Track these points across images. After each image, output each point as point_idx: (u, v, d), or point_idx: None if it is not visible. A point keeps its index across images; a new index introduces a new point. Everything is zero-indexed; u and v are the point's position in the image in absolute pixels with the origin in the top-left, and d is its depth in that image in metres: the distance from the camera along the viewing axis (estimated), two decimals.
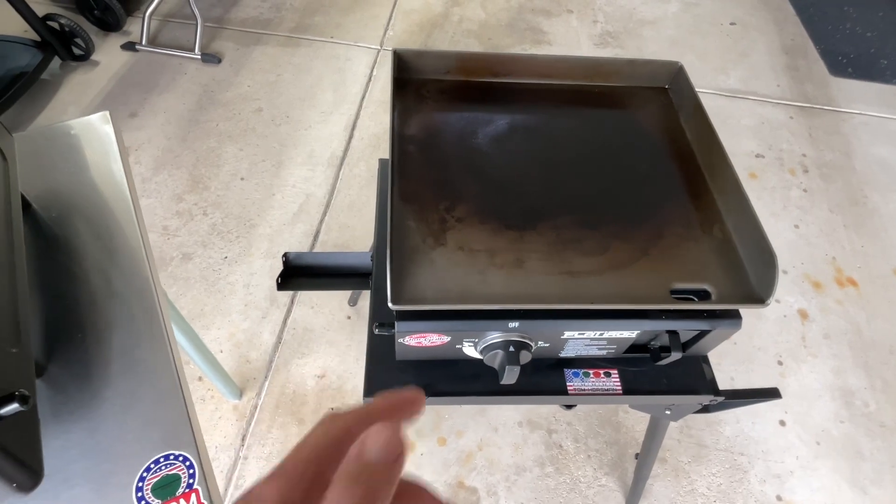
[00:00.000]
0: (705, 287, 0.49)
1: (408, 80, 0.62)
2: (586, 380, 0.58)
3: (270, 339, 1.21)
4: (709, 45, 2.07)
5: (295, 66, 1.83)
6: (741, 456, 1.13)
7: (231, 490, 1.02)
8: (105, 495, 0.37)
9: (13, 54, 1.48)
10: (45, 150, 0.56)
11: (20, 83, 1.43)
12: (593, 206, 0.55)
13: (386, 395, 0.20)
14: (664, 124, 0.63)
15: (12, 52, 1.48)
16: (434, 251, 0.49)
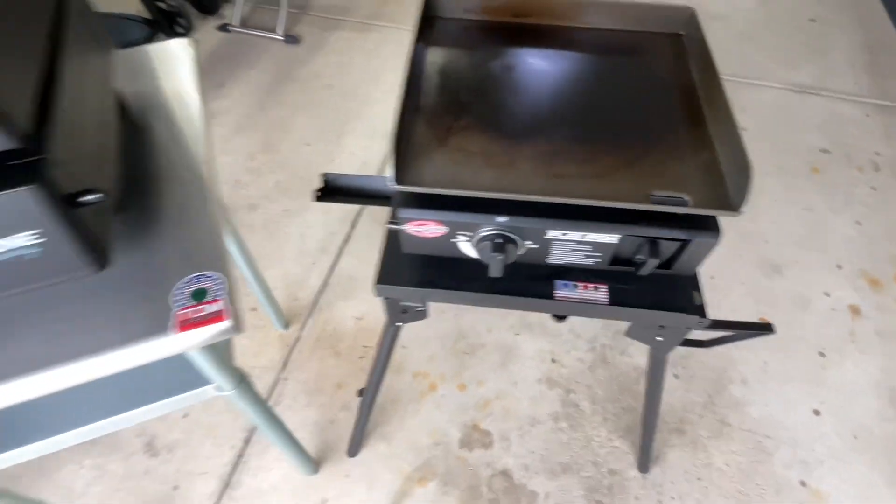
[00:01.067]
0: (683, 196, 0.53)
1: (433, 17, 0.70)
2: (574, 290, 0.62)
3: (317, 282, 1.33)
4: (782, 41, 2.00)
5: (366, 49, 1.97)
6: (767, 438, 1.11)
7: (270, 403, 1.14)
8: (153, 297, 0.47)
9: (128, 29, 1.72)
10: (138, 65, 0.69)
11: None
12: (590, 127, 0.60)
13: None
14: (673, 66, 0.67)
15: (127, 27, 1.73)
16: (436, 150, 0.57)
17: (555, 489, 1.05)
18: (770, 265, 1.37)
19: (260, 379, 1.17)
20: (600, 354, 1.22)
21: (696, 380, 1.19)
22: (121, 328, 0.45)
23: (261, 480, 1.05)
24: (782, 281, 1.34)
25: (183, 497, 1.03)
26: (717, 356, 1.22)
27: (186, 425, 1.12)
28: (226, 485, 1.05)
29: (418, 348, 1.23)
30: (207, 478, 1.05)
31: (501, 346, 1.23)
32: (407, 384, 1.18)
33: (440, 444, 1.10)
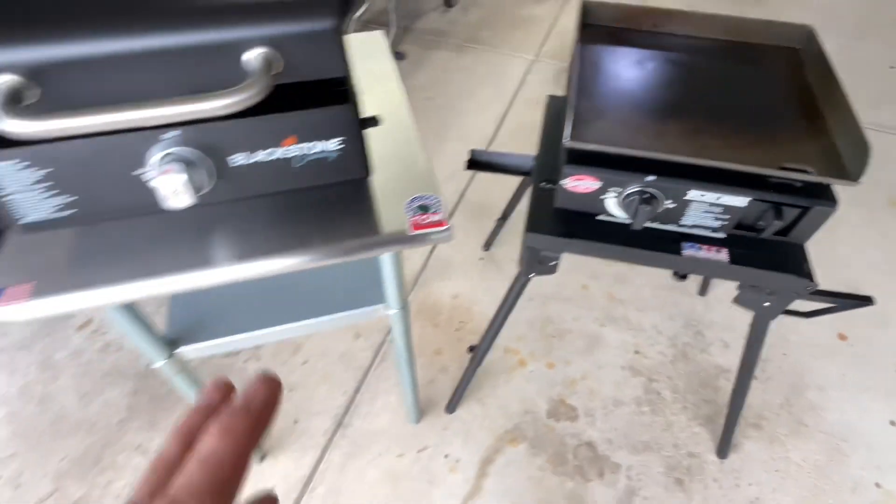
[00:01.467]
0: (807, 168, 0.64)
1: (589, 24, 0.85)
2: (699, 251, 0.73)
3: (419, 263, 1.48)
4: (864, 83, 2.07)
5: (462, 67, 2.17)
6: (843, 442, 1.15)
7: (377, 362, 1.27)
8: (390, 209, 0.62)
9: None
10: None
11: None
12: (723, 114, 0.72)
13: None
14: (792, 73, 0.79)
15: None
16: (596, 121, 0.70)
17: (636, 463, 1.13)
18: (848, 285, 1.42)
19: (369, 339, 1.31)
20: (681, 350, 1.30)
21: (773, 382, 1.25)
22: (368, 223, 0.60)
23: (369, 423, 1.18)
24: None
25: (302, 429, 1.17)
26: (794, 363, 1.28)
27: (304, 371, 1.26)
28: (339, 424, 1.18)
29: (508, 328, 1.34)
30: (323, 416, 1.19)
31: (587, 334, 1.33)
32: (499, 358, 1.29)
33: (529, 412, 1.20)
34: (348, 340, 1.31)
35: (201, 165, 0.51)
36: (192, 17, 0.46)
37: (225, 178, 0.54)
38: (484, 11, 2.48)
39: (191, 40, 0.46)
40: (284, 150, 0.53)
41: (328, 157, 0.55)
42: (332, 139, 0.54)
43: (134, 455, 1.14)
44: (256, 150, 0.53)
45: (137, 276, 0.56)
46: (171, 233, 0.60)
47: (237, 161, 0.53)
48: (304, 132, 0.53)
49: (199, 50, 0.46)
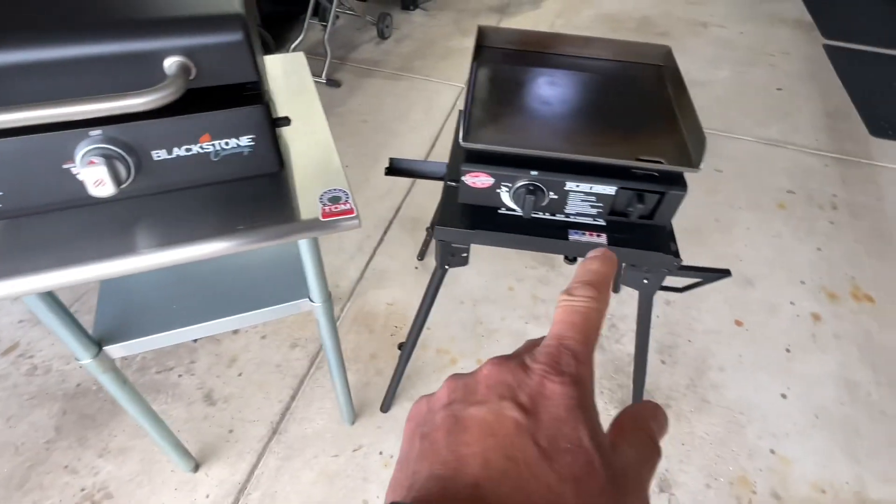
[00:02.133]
0: (659, 159, 0.77)
1: (484, 46, 0.97)
2: (583, 236, 0.85)
3: (355, 274, 1.54)
4: (754, 104, 2.33)
5: (395, 94, 2.29)
6: (740, 414, 1.29)
7: (312, 370, 1.32)
8: (304, 201, 0.69)
9: None
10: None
11: None
12: (596, 118, 0.85)
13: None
14: (655, 84, 0.93)
15: None
16: (489, 125, 0.81)
17: None
18: (744, 279, 1.60)
19: (305, 347, 1.36)
20: (598, 342, 1.41)
21: (679, 365, 1.38)
22: (284, 213, 0.67)
23: (305, 428, 1.21)
24: (754, 292, 1.56)
25: (237, 438, 1.19)
26: (698, 348, 1.42)
27: (240, 382, 1.29)
28: (274, 430, 1.21)
29: (441, 330, 1.42)
30: (259, 424, 1.21)
31: (513, 332, 1.43)
32: (431, 358, 1.36)
33: None
34: (285, 350, 1.35)
35: (124, 159, 0.57)
36: (116, 29, 0.53)
37: (149, 172, 0.60)
38: (416, 43, 2.63)
39: (115, 49, 0.53)
40: (201, 146, 0.60)
41: (242, 151, 0.62)
42: (244, 136, 0.61)
43: (62, 475, 1.12)
44: (175, 146, 0.59)
45: (64, 265, 0.61)
46: (99, 224, 0.65)
47: (159, 156, 0.60)
48: (218, 130, 0.60)
49: (123, 58, 0.53)
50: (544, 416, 0.19)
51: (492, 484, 0.18)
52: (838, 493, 1.16)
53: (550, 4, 3.00)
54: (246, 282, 0.87)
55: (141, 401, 0.90)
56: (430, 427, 0.21)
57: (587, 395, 0.21)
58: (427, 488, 0.18)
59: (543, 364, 0.21)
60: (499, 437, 0.19)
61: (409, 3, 2.88)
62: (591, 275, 0.25)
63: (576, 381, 0.21)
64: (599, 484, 0.18)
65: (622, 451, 0.21)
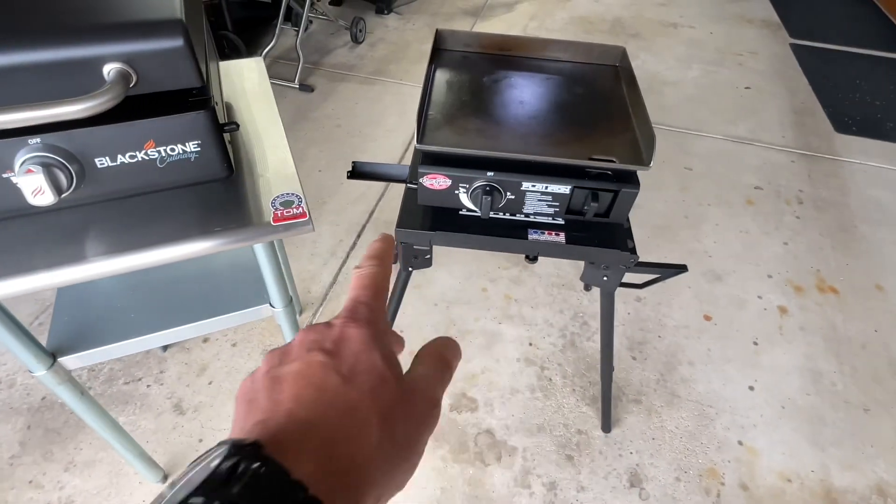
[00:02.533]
0: (612, 158, 0.78)
1: (442, 49, 0.98)
2: (542, 235, 0.85)
3: (328, 279, 1.54)
4: (723, 102, 2.38)
5: (369, 98, 2.29)
6: (709, 408, 1.31)
7: None
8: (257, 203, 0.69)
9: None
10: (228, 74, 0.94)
11: None
12: (552, 119, 0.86)
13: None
14: (611, 85, 0.94)
15: None
16: (444, 127, 0.82)
17: (531, 445, 1.22)
18: (712, 274, 1.62)
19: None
20: (570, 340, 1.43)
21: (650, 361, 1.39)
22: (236, 218, 0.67)
23: None
24: (722, 286, 1.59)
25: (207, 448, 1.18)
26: (668, 344, 1.44)
27: (210, 391, 1.28)
28: None
29: (415, 333, 1.42)
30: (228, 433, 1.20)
31: (486, 332, 1.43)
32: (404, 362, 1.35)
33: None
34: (256, 357, 1.34)
35: (64, 167, 0.56)
36: (53, 36, 0.53)
37: (94, 180, 0.60)
38: (390, 47, 2.64)
39: (53, 57, 0.52)
40: (146, 152, 0.60)
41: (189, 157, 0.62)
42: (190, 142, 0.61)
43: (27, 490, 1.10)
44: (119, 153, 0.59)
45: (9, 275, 0.60)
46: (46, 233, 0.64)
47: (103, 163, 0.59)
48: (163, 136, 0.59)
49: (61, 65, 0.53)
50: (345, 353, 0.24)
51: (304, 410, 0.21)
52: (804, 481, 1.19)
53: (525, 7, 3.03)
54: (206, 288, 0.87)
55: (101, 412, 0.89)
56: (254, 393, 0.23)
57: (380, 334, 0.26)
58: (250, 431, 0.20)
59: (343, 318, 0.26)
60: (308, 378, 0.23)
61: (384, 8, 2.89)
62: (374, 251, 0.31)
63: (369, 324, 0.25)
64: (391, 391, 0.23)
65: (414, 369, 0.27)
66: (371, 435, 0.22)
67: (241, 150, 0.78)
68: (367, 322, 0.26)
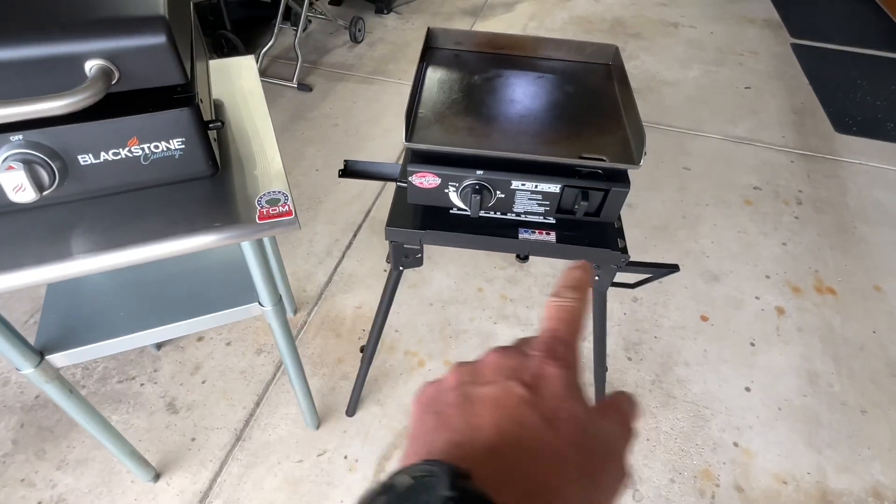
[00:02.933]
0: (602, 157, 0.77)
1: (433, 48, 0.97)
2: (532, 234, 0.85)
3: (323, 278, 1.54)
4: (722, 102, 2.37)
5: (368, 97, 2.29)
6: (705, 409, 1.30)
7: (277, 376, 1.31)
8: (243, 202, 0.69)
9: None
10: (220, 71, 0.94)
11: None
12: (543, 117, 0.85)
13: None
14: (603, 83, 0.94)
15: None
16: (434, 125, 0.81)
17: None
18: (709, 274, 1.61)
19: (271, 353, 1.34)
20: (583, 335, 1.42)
21: (646, 362, 1.39)
22: (222, 215, 0.66)
23: (269, 434, 1.20)
24: (720, 287, 1.58)
25: (200, 446, 1.18)
26: (664, 345, 1.43)
27: (204, 389, 1.27)
28: (238, 437, 1.19)
29: (409, 332, 1.42)
30: (222, 432, 1.20)
31: (482, 332, 1.43)
32: (399, 361, 1.36)
33: None
34: (250, 356, 1.34)
35: (46, 164, 0.56)
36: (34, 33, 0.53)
37: (77, 177, 0.59)
38: (390, 47, 2.64)
39: (34, 53, 0.52)
40: (129, 149, 0.60)
41: (173, 155, 0.62)
42: (174, 139, 0.61)
43: (18, 488, 1.10)
44: (103, 150, 0.59)
45: None
46: (30, 230, 0.64)
47: (87, 160, 0.59)
48: (146, 133, 0.59)
49: (42, 61, 0.52)
50: (546, 393, 0.22)
51: (506, 447, 0.20)
52: (800, 483, 1.18)
53: (524, 7, 3.02)
54: (195, 287, 0.87)
55: (91, 410, 0.89)
56: (442, 405, 0.23)
57: (577, 376, 0.24)
58: (447, 452, 0.20)
59: (541, 351, 0.24)
60: (508, 409, 0.22)
61: (383, 7, 2.89)
62: (574, 280, 0.28)
63: (568, 365, 0.24)
64: (592, 447, 0.22)
65: (604, 425, 0.24)
66: (574, 491, 0.20)
67: (229, 148, 0.78)
68: (567, 364, 0.24)
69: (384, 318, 1.05)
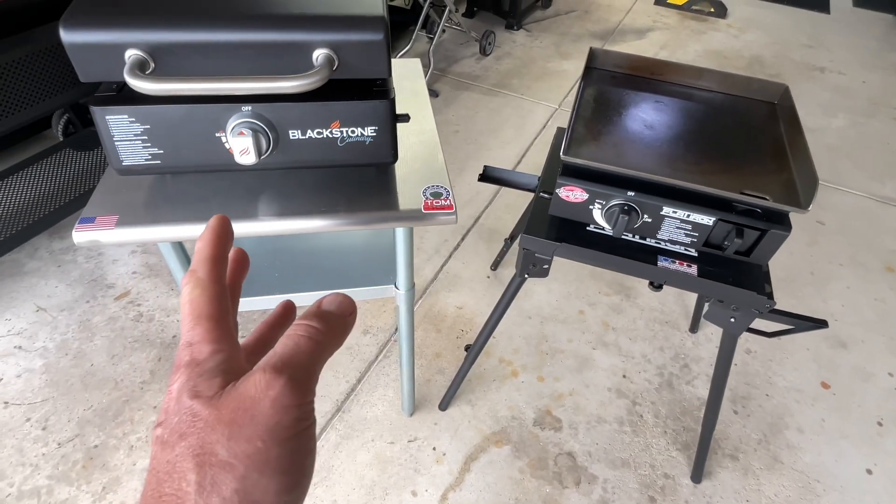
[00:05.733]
0: (765, 195, 0.75)
1: (593, 67, 0.99)
2: (672, 264, 0.84)
3: (430, 274, 1.60)
4: (869, 157, 2.17)
5: (490, 108, 2.35)
6: (816, 482, 1.20)
7: (380, 358, 1.37)
8: (408, 193, 0.74)
9: None
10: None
11: None
12: (701, 147, 0.84)
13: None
14: (766, 121, 0.91)
15: None
16: (591, 142, 0.83)
17: (612, 477, 1.18)
18: (836, 339, 1.48)
19: (376, 336, 1.42)
20: (667, 380, 1.37)
21: (753, 418, 1.30)
22: (389, 201, 0.72)
23: (367, 411, 1.27)
24: (847, 354, 1.45)
25: None
26: (776, 404, 1.33)
27: None
28: (339, 408, 1.27)
29: (506, 341, 1.44)
30: (325, 400, 1.28)
31: (579, 355, 1.41)
32: (493, 366, 1.38)
33: (517, 418, 1.28)
34: (357, 335, 1.42)
35: (266, 134, 0.64)
36: (274, 21, 0.61)
37: (283, 149, 0.68)
38: (515, 62, 2.69)
39: (275, 38, 0.60)
40: (331, 131, 0.67)
41: (364, 141, 0.68)
42: (369, 127, 0.67)
43: (151, 413, 1.24)
44: (310, 128, 0.66)
45: (195, 221, 0.69)
46: (232, 190, 0.73)
47: (295, 135, 0.67)
48: (348, 119, 0.66)
49: (280, 46, 0.60)
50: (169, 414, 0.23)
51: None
52: None
53: (656, 36, 2.96)
54: (341, 263, 0.94)
55: None
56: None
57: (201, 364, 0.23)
58: None
59: (171, 375, 0.24)
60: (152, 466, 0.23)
61: (513, 24, 2.95)
62: (194, 258, 0.27)
63: (189, 364, 0.23)
64: (204, 423, 0.21)
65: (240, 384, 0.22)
66: (188, 487, 0.20)
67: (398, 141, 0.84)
68: (186, 364, 0.23)
69: (497, 321, 1.07)
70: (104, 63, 0.58)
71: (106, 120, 0.62)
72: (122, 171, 0.67)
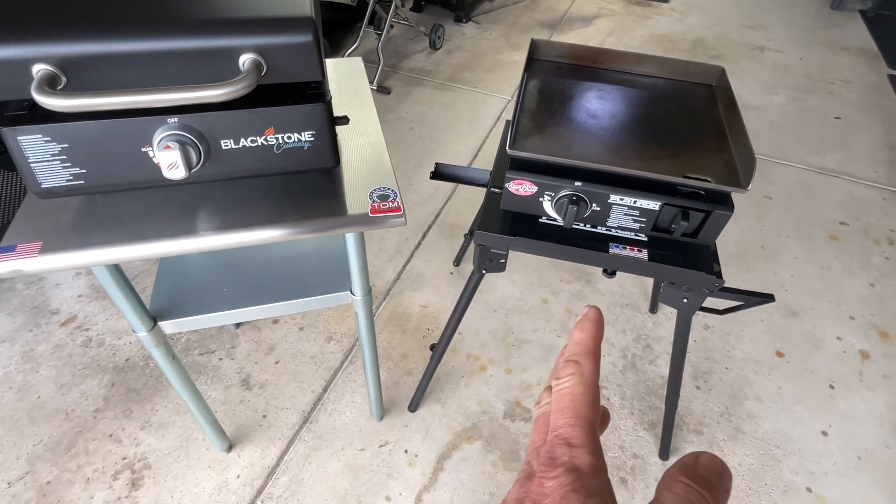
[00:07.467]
0: (707, 177, 0.76)
1: (536, 59, 0.99)
2: (624, 250, 0.85)
3: (392, 275, 1.58)
4: (809, 132, 2.27)
5: (443, 103, 2.33)
6: (777, 448, 1.24)
7: (345, 364, 1.35)
8: (355, 197, 0.72)
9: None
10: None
11: None
12: (643, 134, 0.85)
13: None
14: (706, 104, 0.93)
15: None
16: (535, 135, 0.83)
17: None
18: (787, 309, 1.54)
19: (340, 342, 1.39)
20: (631, 362, 1.40)
21: (714, 392, 1.34)
22: (335, 206, 0.70)
23: (335, 420, 1.24)
24: (798, 323, 1.51)
25: (270, 424, 1.23)
26: (735, 377, 1.38)
27: (276, 370, 1.33)
28: (306, 419, 1.24)
29: (472, 336, 1.43)
30: (291, 412, 1.25)
31: (545, 344, 1.43)
32: (461, 363, 1.38)
33: (487, 413, 1.28)
34: (321, 343, 1.39)
35: (196, 146, 0.61)
36: (198, 27, 0.58)
37: (216, 160, 0.65)
38: (466, 55, 2.68)
39: (197, 45, 0.57)
40: (266, 138, 0.64)
41: (303, 146, 0.66)
42: (306, 132, 0.65)
43: (106, 442, 1.19)
44: (243, 136, 0.64)
45: (130, 241, 0.66)
46: (166, 205, 0.70)
47: (227, 145, 0.64)
48: (282, 124, 0.64)
49: (204, 53, 0.58)
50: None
51: None
52: None
53: (602, 23, 3.00)
54: (292, 272, 0.92)
55: (186, 377, 0.95)
56: None
57: (583, 476, 0.22)
58: None
59: (542, 465, 0.23)
60: None
61: (462, 16, 2.94)
62: (574, 347, 0.27)
63: (570, 469, 0.22)
64: None
65: (660, 497, 0.22)
66: None
67: (340, 144, 0.82)
68: (569, 468, 0.22)
69: (459, 319, 1.07)
70: (9, 80, 0.54)
71: (18, 141, 0.58)
72: (42, 193, 0.62)
